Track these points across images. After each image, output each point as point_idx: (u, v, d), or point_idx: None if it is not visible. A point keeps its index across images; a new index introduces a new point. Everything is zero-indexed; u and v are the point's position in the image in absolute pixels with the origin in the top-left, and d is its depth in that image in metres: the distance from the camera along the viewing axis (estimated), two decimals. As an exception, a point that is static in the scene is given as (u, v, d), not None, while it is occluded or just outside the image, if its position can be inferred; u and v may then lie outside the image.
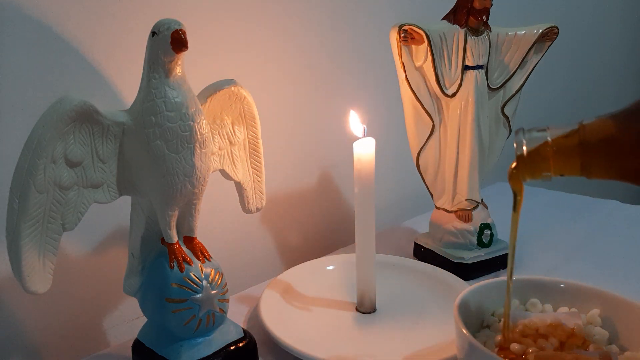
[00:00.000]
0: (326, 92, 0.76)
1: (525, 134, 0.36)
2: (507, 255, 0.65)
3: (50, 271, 0.37)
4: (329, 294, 0.59)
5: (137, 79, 0.40)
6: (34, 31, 0.48)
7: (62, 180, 0.37)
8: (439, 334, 0.50)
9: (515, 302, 0.45)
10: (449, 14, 0.61)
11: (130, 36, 0.54)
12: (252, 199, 0.51)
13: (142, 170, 0.40)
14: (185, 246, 0.44)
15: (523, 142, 0.35)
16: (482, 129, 0.63)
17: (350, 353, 0.49)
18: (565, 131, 0.35)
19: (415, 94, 0.61)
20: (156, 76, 0.38)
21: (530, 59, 0.63)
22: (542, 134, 0.35)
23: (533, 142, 0.35)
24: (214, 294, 0.43)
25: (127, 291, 0.45)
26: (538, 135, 0.35)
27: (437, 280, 0.60)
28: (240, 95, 0.46)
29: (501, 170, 0.86)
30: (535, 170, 0.36)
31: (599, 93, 1.51)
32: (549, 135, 0.35)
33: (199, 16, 0.60)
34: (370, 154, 0.51)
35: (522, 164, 0.36)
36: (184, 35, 0.37)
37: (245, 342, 0.46)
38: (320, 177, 0.78)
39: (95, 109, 0.38)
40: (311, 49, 0.73)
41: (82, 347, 0.54)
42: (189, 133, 0.39)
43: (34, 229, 0.36)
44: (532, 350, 0.39)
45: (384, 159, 0.64)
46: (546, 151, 0.35)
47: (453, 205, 0.66)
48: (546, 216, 0.83)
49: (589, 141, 0.34)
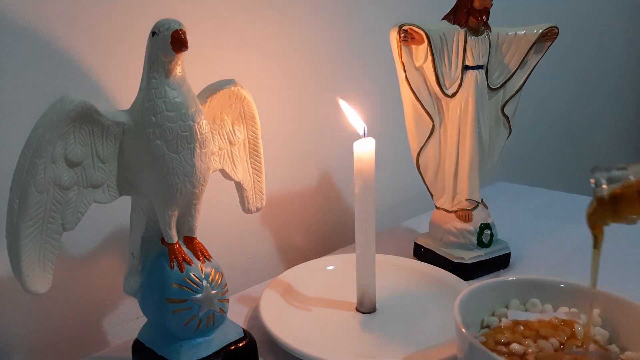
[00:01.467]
0: (326, 92, 0.76)
1: (603, 172, 0.33)
2: (507, 255, 0.66)
3: (50, 271, 0.37)
4: (329, 294, 0.59)
5: (137, 79, 0.40)
6: (34, 31, 0.48)
7: (62, 180, 0.37)
8: (439, 334, 0.50)
9: (515, 302, 0.45)
10: (449, 14, 0.61)
11: (130, 36, 0.54)
12: (252, 199, 0.51)
13: (142, 170, 0.40)
14: (185, 246, 0.44)
15: (603, 183, 0.32)
16: (482, 129, 0.63)
17: (350, 353, 0.49)
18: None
19: (415, 94, 0.61)
20: (156, 76, 0.38)
21: (530, 59, 0.63)
22: (623, 173, 0.32)
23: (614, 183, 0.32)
24: (214, 294, 0.43)
25: (127, 291, 0.45)
26: (618, 174, 0.32)
27: (437, 280, 0.60)
28: (240, 95, 0.46)
29: (501, 170, 0.86)
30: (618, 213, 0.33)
31: (599, 93, 1.51)
32: (631, 174, 0.32)
33: (199, 16, 0.60)
34: (370, 154, 0.51)
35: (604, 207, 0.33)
36: (184, 35, 0.37)
37: (245, 342, 0.46)
38: (320, 177, 0.78)
39: (95, 109, 0.38)
40: (311, 49, 0.73)
41: (82, 347, 0.54)
42: (189, 133, 0.39)
43: (34, 229, 0.36)
44: (532, 350, 0.39)
45: (384, 159, 0.64)
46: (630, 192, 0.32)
47: (453, 205, 0.66)
48: (546, 216, 0.83)
49: None
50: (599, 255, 0.37)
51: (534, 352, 0.38)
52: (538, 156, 1.30)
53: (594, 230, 0.35)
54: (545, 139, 1.32)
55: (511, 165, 1.17)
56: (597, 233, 0.36)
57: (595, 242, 0.36)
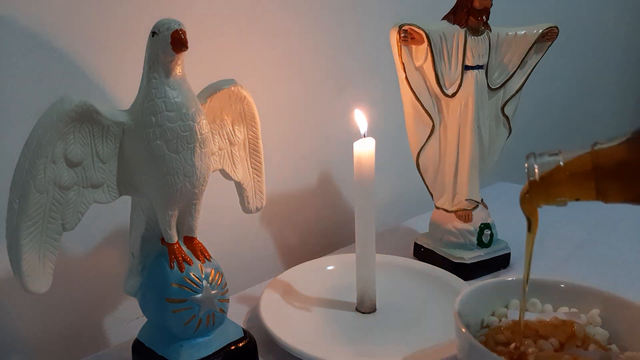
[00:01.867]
0: (326, 92, 0.76)
1: (537, 158, 0.35)
2: (507, 255, 0.66)
3: (50, 271, 0.37)
4: (329, 294, 0.59)
5: (137, 79, 0.40)
6: (34, 31, 0.48)
7: (62, 180, 0.37)
8: (439, 334, 0.50)
9: (515, 302, 0.45)
10: (449, 14, 0.61)
11: (130, 36, 0.54)
12: (252, 199, 0.51)
13: (142, 170, 0.40)
14: (185, 246, 0.44)
15: (535, 167, 0.34)
16: (482, 129, 0.63)
17: (350, 353, 0.49)
18: (578, 155, 0.34)
19: (415, 94, 0.61)
20: (156, 76, 0.38)
21: (530, 59, 0.63)
22: (555, 158, 0.34)
23: (545, 167, 0.34)
24: (214, 294, 0.43)
25: (127, 291, 0.45)
26: (550, 159, 0.34)
27: (437, 280, 0.60)
28: (240, 95, 0.46)
29: (501, 170, 0.86)
30: (549, 195, 0.35)
31: (599, 93, 1.51)
32: (561, 159, 0.34)
33: (199, 16, 0.60)
34: (370, 154, 0.51)
35: (536, 190, 0.35)
36: (184, 35, 0.37)
37: (245, 342, 0.46)
38: (320, 177, 0.78)
39: (95, 109, 0.38)
40: (311, 49, 0.73)
41: (82, 347, 0.54)
42: (189, 133, 0.39)
43: (34, 229, 0.36)
44: (532, 350, 0.39)
45: (384, 159, 0.64)
46: (560, 176, 0.34)
47: (453, 205, 0.66)
48: (546, 216, 0.83)
49: (603, 166, 0.33)
50: (533, 239, 0.38)
51: (534, 352, 0.38)
52: (538, 156, 1.30)
53: (528, 212, 0.37)
54: (545, 139, 1.32)
55: (511, 165, 1.16)
56: (530, 216, 0.37)
57: (529, 226, 0.37)
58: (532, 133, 1.25)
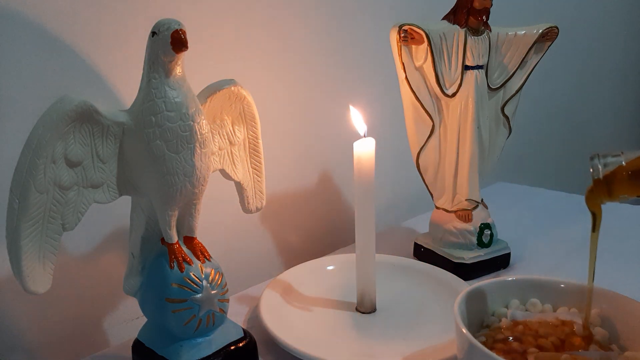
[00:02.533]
0: (326, 92, 0.76)
1: (600, 158, 0.38)
2: (507, 255, 0.66)
3: (50, 271, 0.37)
4: (329, 294, 0.59)
5: (137, 79, 0.40)
6: (34, 31, 0.48)
7: (62, 180, 0.37)
8: (439, 334, 0.50)
9: (515, 302, 0.45)
10: (449, 14, 0.61)
11: (130, 36, 0.54)
12: (252, 199, 0.51)
13: (142, 170, 0.40)
14: (185, 246, 0.44)
15: (599, 167, 0.37)
16: (482, 129, 0.63)
17: (350, 353, 0.49)
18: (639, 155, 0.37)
19: (415, 94, 0.61)
20: (156, 76, 0.38)
21: (530, 59, 0.63)
22: (617, 159, 0.37)
23: (609, 167, 0.37)
24: (214, 294, 0.43)
25: (127, 291, 0.45)
26: (613, 160, 0.37)
27: (437, 280, 0.60)
28: (240, 95, 0.46)
29: (501, 170, 0.86)
30: (612, 193, 0.38)
31: (598, 93, 1.51)
32: (623, 159, 0.37)
33: (199, 16, 0.60)
34: (370, 154, 0.51)
35: (600, 188, 0.38)
36: (184, 35, 0.37)
37: (245, 342, 0.46)
38: (320, 177, 0.78)
39: (95, 109, 0.38)
40: (311, 49, 0.73)
41: (82, 347, 0.54)
42: (189, 133, 0.39)
43: (34, 229, 0.36)
44: (532, 350, 0.39)
45: (384, 159, 0.64)
46: (622, 174, 0.37)
47: (453, 205, 0.66)
48: (546, 216, 0.83)
49: None
50: (597, 239, 0.40)
51: (533, 352, 0.38)
52: (538, 156, 1.30)
53: (592, 208, 0.40)
54: (545, 139, 1.32)
55: (511, 165, 1.17)
56: (595, 212, 0.40)
57: (594, 223, 0.40)
58: (532, 133, 1.25)
